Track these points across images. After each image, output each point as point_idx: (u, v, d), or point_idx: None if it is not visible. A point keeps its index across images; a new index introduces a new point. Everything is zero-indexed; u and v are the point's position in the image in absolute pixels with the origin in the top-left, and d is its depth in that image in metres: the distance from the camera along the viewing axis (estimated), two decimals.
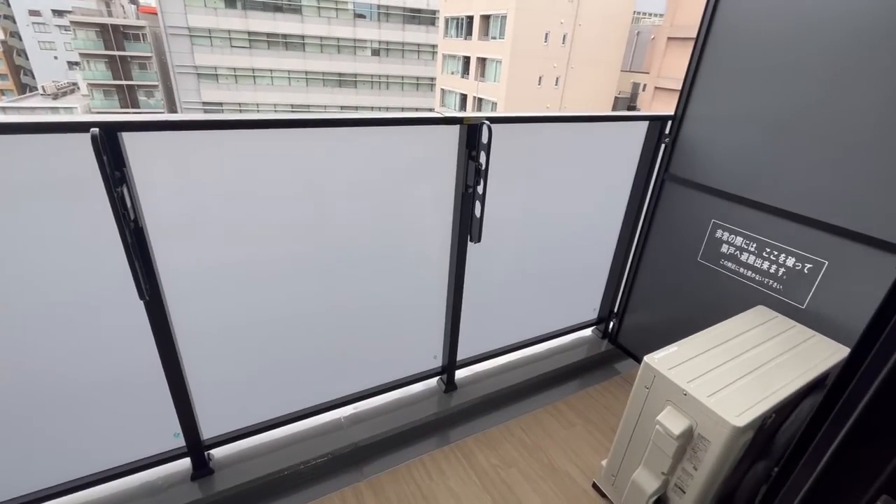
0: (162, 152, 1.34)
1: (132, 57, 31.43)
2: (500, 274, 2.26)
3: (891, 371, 0.58)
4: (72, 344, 1.42)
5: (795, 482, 0.74)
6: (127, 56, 31.23)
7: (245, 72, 28.56)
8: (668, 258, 2.34)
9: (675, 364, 1.52)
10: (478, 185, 1.76)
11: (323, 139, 1.56)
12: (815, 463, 0.68)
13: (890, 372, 0.58)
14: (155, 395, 1.60)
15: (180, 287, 1.50)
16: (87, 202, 1.26)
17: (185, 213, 1.44)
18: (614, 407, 2.40)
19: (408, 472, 1.96)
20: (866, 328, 0.68)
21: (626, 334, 2.71)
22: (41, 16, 40.38)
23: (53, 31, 40.59)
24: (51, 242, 1.28)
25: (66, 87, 37.42)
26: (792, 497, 0.72)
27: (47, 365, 1.41)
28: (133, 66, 31.74)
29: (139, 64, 31.90)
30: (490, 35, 23.96)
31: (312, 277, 1.74)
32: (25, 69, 43.74)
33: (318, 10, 28.50)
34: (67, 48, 38.53)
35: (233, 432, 1.83)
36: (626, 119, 2.29)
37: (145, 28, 31.46)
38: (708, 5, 1.96)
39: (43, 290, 1.32)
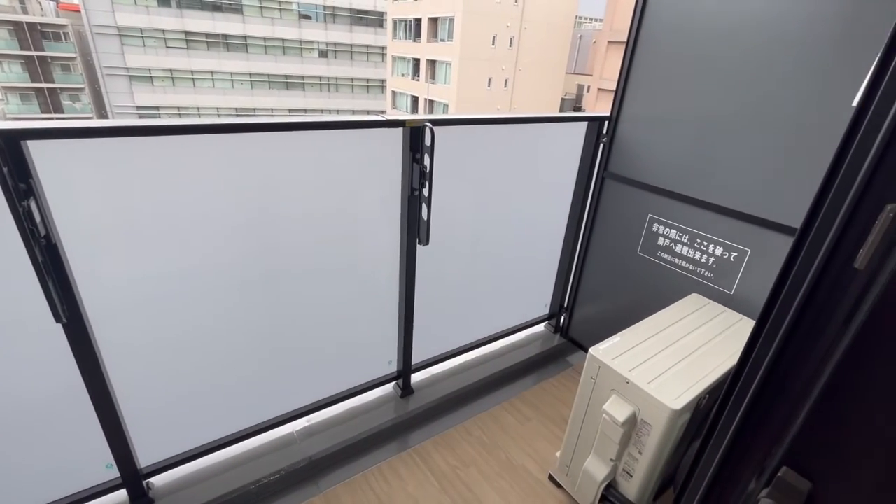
0: (78, 161, 1.24)
1: (53, 58, 28.91)
2: (451, 275, 2.27)
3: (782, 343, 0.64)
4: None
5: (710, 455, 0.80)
6: (47, 57, 28.69)
7: (183, 74, 27.05)
8: (611, 252, 2.44)
9: (618, 354, 1.59)
10: (423, 187, 1.76)
11: (262, 144, 1.51)
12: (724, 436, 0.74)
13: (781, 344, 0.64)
14: (82, 424, 1.48)
15: (106, 306, 1.39)
16: None
17: (109, 226, 1.34)
18: (567, 399, 2.47)
19: (365, 482, 1.93)
20: (763, 306, 0.74)
21: (577, 327, 2.80)
22: None
23: None
24: None
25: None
26: (707, 470, 0.78)
27: None
28: (55, 68, 29.20)
29: (62, 65, 29.40)
30: (439, 37, 24.11)
31: (255, 288, 1.67)
32: None
33: (260, 10, 27.49)
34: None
35: (173, 458, 1.72)
36: (566, 120, 2.37)
37: (67, 27, 29.05)
38: (636, 10, 2.06)
39: None
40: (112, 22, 24.58)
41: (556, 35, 24.90)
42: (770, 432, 0.66)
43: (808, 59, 1.60)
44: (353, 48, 30.59)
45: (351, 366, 2.12)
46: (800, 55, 1.61)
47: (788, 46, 1.64)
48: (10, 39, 27.75)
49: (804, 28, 1.58)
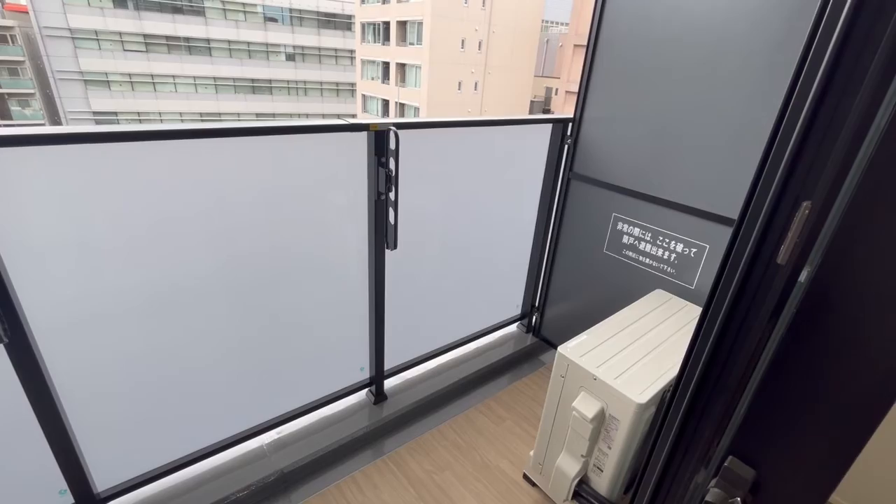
0: (20, 170, 1.17)
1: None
2: (422, 278, 2.26)
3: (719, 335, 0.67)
4: None
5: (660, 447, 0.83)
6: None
7: (143, 78, 26.05)
8: (578, 251, 2.49)
9: (585, 351, 1.62)
10: (389, 191, 1.75)
11: (224, 150, 1.46)
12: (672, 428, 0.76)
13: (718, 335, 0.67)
14: (30, 448, 1.39)
15: (53, 322, 1.32)
16: None
17: (56, 238, 1.27)
18: (540, 398, 2.50)
19: (339, 492, 1.89)
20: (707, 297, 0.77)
21: (548, 326, 2.84)
22: None
23: None
24: None
25: None
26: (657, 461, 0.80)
27: None
28: (1, 72, 27.61)
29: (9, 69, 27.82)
30: (408, 41, 24.10)
31: (217, 298, 1.62)
32: None
33: (223, 12, 26.80)
34: None
35: (133, 479, 1.64)
36: (531, 122, 2.40)
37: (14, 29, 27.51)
38: (595, 14, 2.12)
39: None
40: (64, 24, 23.45)
41: (524, 39, 25.33)
42: (713, 423, 0.69)
43: (753, 59, 1.67)
44: (322, 51, 30.21)
45: (322, 374, 2.08)
46: (746, 56, 1.69)
47: (735, 48, 1.71)
48: None
49: (749, 30, 1.66)
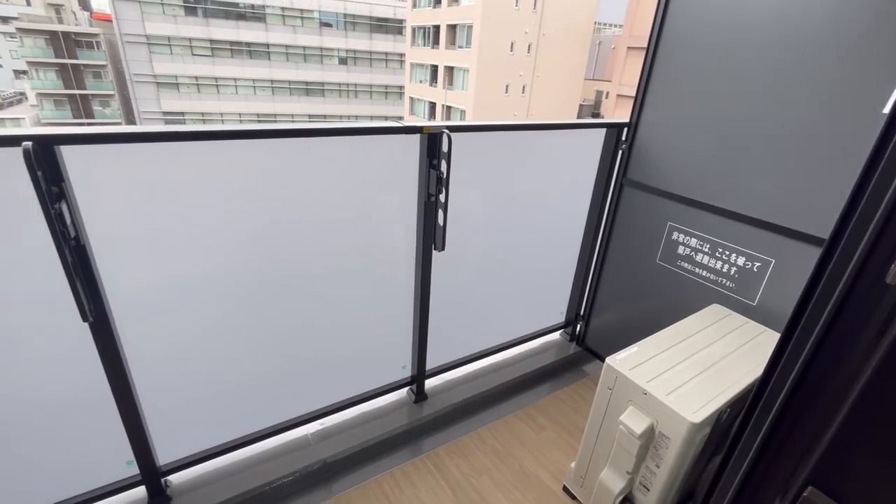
0: (107, 165, 1.28)
1: (85, 65, 30.07)
2: (466, 281, 2.27)
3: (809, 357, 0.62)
4: (10, 372, 1.32)
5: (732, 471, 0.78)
6: (80, 64, 29.86)
7: (208, 81, 27.80)
8: (629, 260, 2.41)
9: (635, 364, 1.56)
10: (440, 193, 1.77)
11: (283, 150, 1.53)
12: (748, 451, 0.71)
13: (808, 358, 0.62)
14: (105, 421, 1.51)
15: (130, 306, 1.43)
16: (22, 219, 1.18)
17: (136, 228, 1.38)
18: (583, 409, 2.43)
19: (378, 487, 1.92)
20: (789, 319, 0.72)
21: (593, 336, 2.76)
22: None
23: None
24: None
25: (12, 96, 35.39)
26: (728, 487, 0.75)
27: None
28: (87, 75, 30.35)
29: (93, 73, 30.54)
30: (457, 44, 24.26)
31: (272, 291, 1.70)
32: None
33: (282, 18, 28.13)
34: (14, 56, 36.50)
35: (191, 456, 1.75)
36: (585, 126, 2.35)
37: (99, 36, 30.19)
38: (657, 15, 2.04)
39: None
40: (141, 31, 25.46)
41: (575, 41, 24.82)
42: (795, 450, 0.64)
43: (834, 64, 1.55)
44: (373, 55, 31.03)
45: (365, 370, 2.13)
46: (826, 60, 1.57)
47: (812, 41, 1.59)
48: (45, 48, 28.98)
49: (830, 32, 1.54)
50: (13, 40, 34.12)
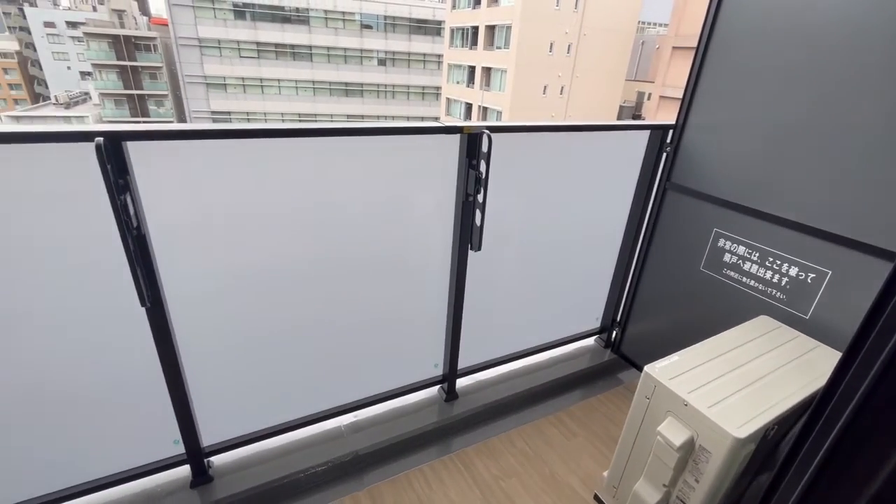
0: (165, 160, 1.36)
1: (143, 67, 32.00)
2: (501, 282, 2.26)
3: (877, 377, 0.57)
4: (72, 350, 1.43)
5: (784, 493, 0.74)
6: (138, 66, 31.80)
7: (253, 81, 28.97)
8: (671, 267, 2.33)
9: (675, 374, 1.51)
10: (478, 193, 1.77)
11: (325, 148, 1.58)
12: (803, 473, 0.67)
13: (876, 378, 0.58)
14: (155, 401, 1.61)
15: (182, 294, 1.51)
16: (90, 210, 1.28)
17: (188, 220, 1.46)
18: (617, 417, 2.37)
19: (407, 482, 1.95)
20: (855, 335, 0.67)
21: (629, 343, 2.69)
22: (55, 27, 41.30)
23: (67, 43, 41.47)
24: (53, 249, 1.30)
25: (78, 96, 38.11)
26: None
27: (47, 371, 1.42)
28: (144, 77, 32.29)
29: (150, 74, 32.45)
30: (495, 45, 24.18)
31: (313, 285, 1.75)
32: (39, 79, 44.64)
33: (325, 20, 28.94)
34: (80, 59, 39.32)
35: (233, 440, 1.83)
36: (627, 128, 2.29)
37: (156, 39, 32.05)
38: (709, 14, 1.97)
39: (44, 295, 1.33)
40: (194, 34, 26.82)
41: (617, 41, 24.21)
42: (855, 477, 0.60)
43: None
44: (411, 56, 31.40)
45: (398, 366, 2.16)
46: (892, 58, 1.47)
47: (881, 54, 1.49)
48: (108, 51, 31.03)
49: None
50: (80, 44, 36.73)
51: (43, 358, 1.40)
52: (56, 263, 1.31)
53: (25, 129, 1.15)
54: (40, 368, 1.41)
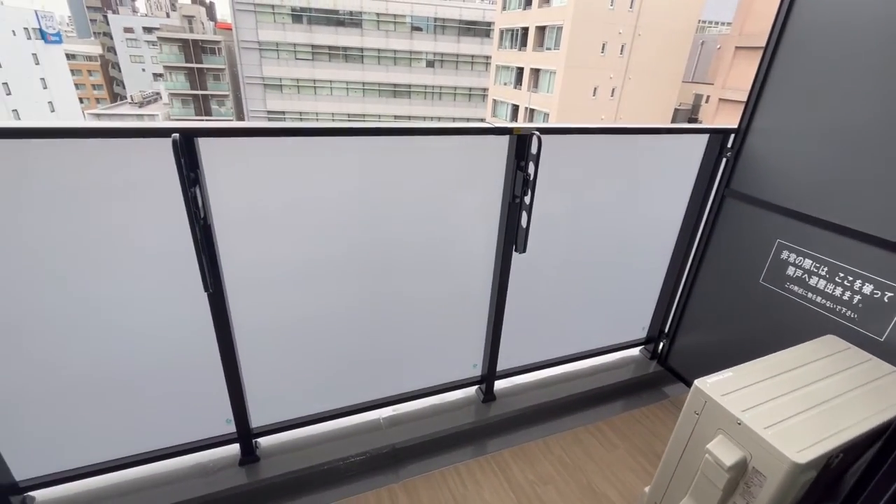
0: (229, 156, 1.45)
1: (208, 69, 34.14)
2: (544, 286, 2.23)
3: None
4: (141, 330, 1.55)
5: None
6: (204, 68, 33.95)
7: (307, 82, 30.17)
8: (727, 279, 2.21)
9: (729, 390, 1.43)
10: (525, 195, 1.76)
11: (375, 147, 1.63)
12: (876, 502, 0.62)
13: None
14: (212, 382, 1.72)
15: (240, 281, 1.61)
16: (163, 200, 1.38)
17: (247, 213, 1.54)
18: (661, 432, 2.28)
19: (442, 479, 1.97)
20: None
21: (677, 356, 2.57)
22: (133, 32, 44.92)
23: (143, 46, 45.01)
24: (130, 235, 1.42)
25: (150, 96, 41.26)
26: None
27: (119, 348, 1.55)
28: (208, 78, 34.43)
29: (214, 75, 34.57)
30: (545, 46, 23.83)
31: (359, 279, 1.81)
32: (117, 80, 48.71)
33: (377, 23, 29.67)
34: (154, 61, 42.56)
35: (279, 423, 1.92)
36: (685, 132, 2.20)
37: (221, 42, 34.09)
38: (780, 11, 1.85)
39: (119, 277, 1.46)
40: (255, 38, 28.27)
41: (674, 41, 23.19)
42: None
43: None
44: (459, 58, 31.56)
45: (437, 364, 2.19)
46: None
47: None
48: (178, 54, 33.34)
49: None
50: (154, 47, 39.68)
51: (116, 335, 1.53)
52: (131, 248, 1.44)
53: (115, 126, 1.27)
54: (113, 345, 1.54)
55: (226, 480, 1.81)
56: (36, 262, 1.35)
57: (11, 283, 1.35)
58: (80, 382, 1.55)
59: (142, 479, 1.78)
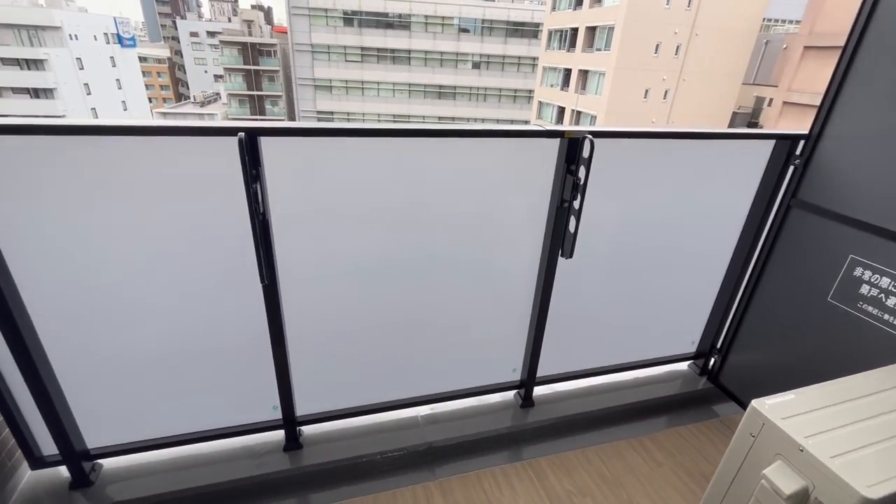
0: (284, 154, 1.51)
1: (264, 71, 35.82)
2: (588, 292, 2.18)
3: None
4: (202, 315, 1.65)
5: None
6: (260, 70, 35.66)
7: (355, 84, 31.00)
8: (790, 294, 2.07)
9: (790, 414, 1.34)
10: (574, 199, 1.73)
11: (423, 148, 1.65)
12: None
13: None
14: (262, 369, 1.80)
15: (291, 275, 1.67)
16: (225, 196, 1.47)
17: (299, 210, 1.60)
18: (709, 452, 2.17)
19: (477, 481, 1.96)
20: None
21: (730, 374, 2.44)
22: (198, 36, 47.90)
23: (206, 50, 47.90)
24: (195, 227, 1.51)
25: (210, 96, 43.86)
26: None
27: (181, 330, 1.66)
28: (263, 79, 36.12)
29: (269, 77, 36.23)
30: (595, 47, 23.24)
31: (404, 277, 1.83)
32: (182, 81, 52.08)
33: (425, 25, 30.03)
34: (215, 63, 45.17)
35: (322, 413, 1.98)
36: (748, 137, 2.08)
37: (276, 45, 35.67)
38: (863, 7, 1.72)
39: (184, 266, 1.56)
40: (308, 41, 29.37)
41: (735, 41, 21.96)
42: None
43: None
44: (505, 59, 31.39)
45: (476, 365, 2.18)
46: None
47: None
48: (237, 56, 35.18)
49: None
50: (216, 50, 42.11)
51: (180, 320, 1.64)
52: (196, 240, 1.53)
53: (186, 124, 1.36)
54: (177, 330, 1.65)
55: (271, 464, 1.89)
56: (113, 249, 1.47)
57: (92, 268, 1.47)
58: (146, 363, 1.67)
59: (195, 457, 1.89)
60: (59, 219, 1.39)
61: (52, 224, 1.39)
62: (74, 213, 1.39)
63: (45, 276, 1.44)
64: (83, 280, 1.48)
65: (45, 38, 28.87)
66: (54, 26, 28.86)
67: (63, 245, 1.42)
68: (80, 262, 1.45)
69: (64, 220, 1.39)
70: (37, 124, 1.26)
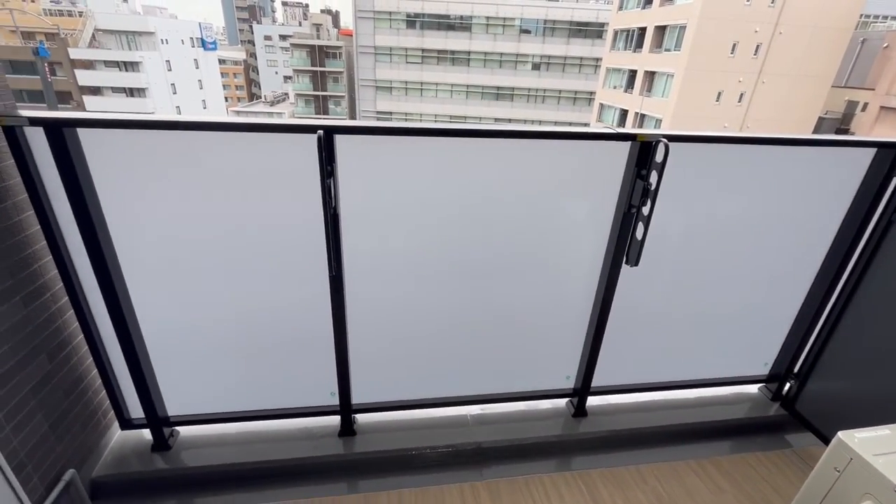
0: (355, 152, 1.57)
1: (329, 72, 37.40)
2: (652, 303, 2.08)
3: None
4: (274, 301, 1.76)
5: None
6: (326, 71, 37.28)
7: (415, 84, 31.57)
8: (888, 319, 1.87)
9: (884, 451, 1.21)
10: (643, 205, 1.66)
11: (488, 149, 1.65)
12: None
13: None
14: (323, 356, 1.88)
15: (356, 268, 1.74)
16: (299, 190, 1.55)
17: (367, 205, 1.66)
18: (779, 483, 2.01)
19: (525, 487, 1.94)
20: None
21: (808, 401, 2.24)
22: (271, 40, 50.97)
23: (278, 52, 50.86)
24: (269, 219, 1.61)
25: (280, 96, 46.50)
26: None
27: (255, 314, 1.77)
28: (329, 80, 37.72)
29: (333, 78, 37.77)
30: (664, 47, 22.11)
31: (462, 277, 1.85)
32: (255, 82, 55.60)
33: (486, 27, 30.00)
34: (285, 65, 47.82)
35: (376, 403, 2.05)
36: (843, 144, 1.90)
37: (342, 48, 37.12)
38: None
39: (261, 254, 1.67)
40: (371, 43, 30.30)
41: (825, 39, 20.04)
42: None
43: None
44: (567, 60, 30.67)
45: (529, 370, 2.16)
46: None
47: None
48: (305, 58, 36.98)
49: None
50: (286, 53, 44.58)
51: (255, 304, 1.75)
52: (272, 230, 1.63)
53: (268, 122, 1.45)
54: (251, 313, 1.77)
55: (326, 447, 1.98)
56: (199, 236, 1.60)
57: (181, 254, 1.61)
58: (222, 343, 1.80)
59: (258, 433, 2.02)
60: (158, 208, 1.53)
61: (151, 212, 1.54)
62: (169, 203, 1.53)
63: (144, 261, 1.60)
64: (174, 264, 1.62)
65: (140, 43, 32.02)
66: (148, 31, 31.89)
67: (159, 232, 1.57)
68: (172, 248, 1.60)
69: (160, 209, 1.54)
70: (154, 120, 1.41)
